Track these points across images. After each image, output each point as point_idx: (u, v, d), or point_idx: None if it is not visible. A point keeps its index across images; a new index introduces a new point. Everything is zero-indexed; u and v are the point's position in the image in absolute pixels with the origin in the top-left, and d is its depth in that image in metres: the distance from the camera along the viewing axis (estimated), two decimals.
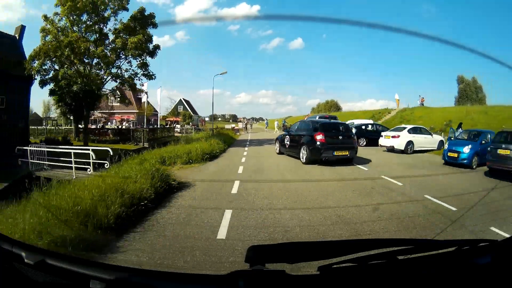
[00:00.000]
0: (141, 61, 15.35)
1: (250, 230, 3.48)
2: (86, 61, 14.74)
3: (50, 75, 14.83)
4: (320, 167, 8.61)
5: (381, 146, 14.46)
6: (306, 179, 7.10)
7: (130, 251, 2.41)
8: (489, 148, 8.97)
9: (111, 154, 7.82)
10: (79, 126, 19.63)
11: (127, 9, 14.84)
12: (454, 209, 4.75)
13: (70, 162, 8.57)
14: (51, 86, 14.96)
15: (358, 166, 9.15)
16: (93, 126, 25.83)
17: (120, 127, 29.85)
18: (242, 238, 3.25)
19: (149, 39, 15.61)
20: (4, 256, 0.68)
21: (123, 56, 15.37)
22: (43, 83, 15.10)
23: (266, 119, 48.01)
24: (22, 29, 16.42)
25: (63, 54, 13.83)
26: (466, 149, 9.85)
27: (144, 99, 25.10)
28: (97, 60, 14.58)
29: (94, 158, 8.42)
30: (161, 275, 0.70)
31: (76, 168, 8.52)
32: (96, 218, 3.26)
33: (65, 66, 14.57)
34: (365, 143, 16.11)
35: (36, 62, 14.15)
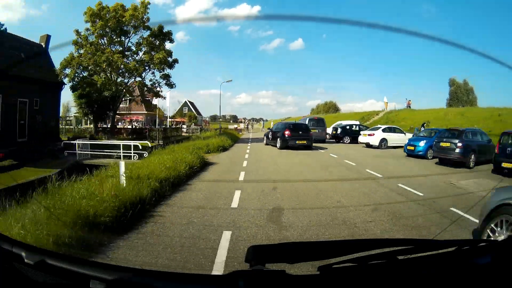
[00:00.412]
0: (164, 74, 18.39)
1: (254, 177, 6.86)
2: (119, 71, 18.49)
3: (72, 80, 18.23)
4: (289, 151, 13.58)
5: (360, 143, 16.99)
6: (282, 156, 11.92)
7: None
8: (434, 142, 11.25)
9: (149, 145, 12.96)
10: (98, 125, 21.90)
11: (150, 28, 17.56)
12: (380, 175, 7.76)
13: (108, 153, 11.72)
14: (79, 90, 18.02)
15: (320, 150, 14.05)
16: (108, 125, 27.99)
17: (132, 127, 31.47)
18: (250, 179, 6.67)
19: (170, 54, 18.55)
20: (4, 256, 0.70)
21: (148, 68, 18.34)
22: (74, 88, 17.94)
23: (263, 121, 55.85)
24: (47, 38, 18.08)
25: (101, 67, 16.43)
26: (422, 143, 12.22)
27: (155, 102, 26.19)
28: (128, 71, 17.73)
29: (140, 148, 11.47)
30: (161, 275, 0.71)
31: (117, 157, 11.18)
32: (172, 177, 5.76)
33: (101, 75, 17.38)
34: (349, 140, 18.39)
35: (69, 70, 16.63)
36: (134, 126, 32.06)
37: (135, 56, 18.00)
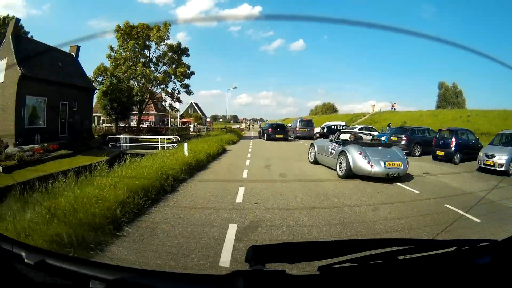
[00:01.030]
0: (184, 84, 23.39)
1: (258, 156, 10.50)
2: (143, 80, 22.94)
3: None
4: (272, 142, 18.55)
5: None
6: (272, 144, 16.62)
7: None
8: (387, 138, 14.53)
9: (176, 140, 17.01)
10: (118, 124, 24.91)
11: (172, 48, 22.30)
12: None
13: (143, 145, 16.19)
14: (110, 95, 20.65)
15: (299, 141, 19.15)
16: (124, 125, 29.66)
17: (148, 126, 34.30)
18: (255, 156, 10.75)
19: (188, 68, 23.22)
20: (4, 256, 0.70)
21: (170, 79, 23.41)
22: (106, 94, 20.81)
23: (260, 121, 58.85)
24: (78, 48, 20.47)
25: (136, 78, 21.40)
26: (382, 138, 15.54)
27: (176, 105, 29.15)
28: (157, 81, 22.86)
29: (170, 140, 16.24)
30: (161, 275, 0.71)
31: (147, 148, 15.27)
32: (211, 153, 9.85)
33: (135, 83, 22.29)
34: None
35: (103, 78, 21.00)
36: (147, 125, 34.10)
37: (158, 67, 22.82)
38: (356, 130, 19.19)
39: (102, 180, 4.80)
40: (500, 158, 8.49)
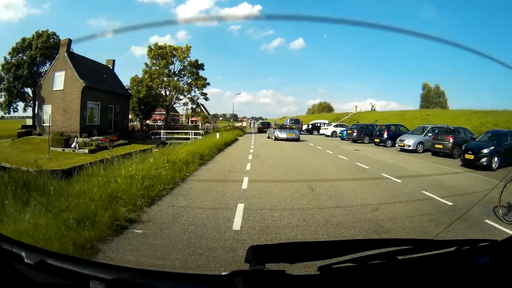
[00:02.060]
0: (202, 92, 29.94)
1: (260, 144, 14.31)
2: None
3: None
4: (263, 134, 22.76)
5: (321, 134, 24.69)
6: (262, 136, 20.94)
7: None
8: (346, 131, 18.96)
9: (202, 133, 22.65)
10: (142, 122, 30.22)
11: (191, 63, 28.75)
12: (312, 144, 15.01)
13: (175, 137, 21.02)
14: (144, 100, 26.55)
15: None
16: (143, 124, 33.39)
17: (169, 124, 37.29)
18: (258, 143, 15.02)
19: (205, 80, 29.48)
20: (4, 256, 0.70)
21: (192, 89, 29.65)
22: (141, 99, 26.46)
23: (260, 120, 63.22)
24: (113, 62, 24.70)
25: (168, 88, 27.88)
26: (343, 133, 19.89)
27: (187, 107, 34.99)
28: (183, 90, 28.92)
29: (196, 134, 21.93)
30: (161, 275, 0.72)
31: (182, 139, 19.39)
32: (230, 139, 15.28)
33: (167, 92, 28.59)
34: (316, 132, 26.21)
35: (139, 87, 26.55)
36: (166, 124, 36.81)
37: (179, 78, 29.57)
38: (332, 126, 24.26)
39: (182, 149, 8.83)
40: (409, 142, 12.35)
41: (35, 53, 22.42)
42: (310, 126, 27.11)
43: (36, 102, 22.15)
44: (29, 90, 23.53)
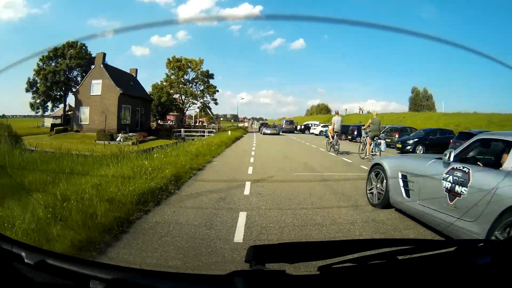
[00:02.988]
0: (213, 98, 34.24)
1: (262, 141, 15.80)
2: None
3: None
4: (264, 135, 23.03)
5: (311, 133, 26.35)
6: (265, 136, 22.47)
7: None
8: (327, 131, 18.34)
9: (215, 131, 26.15)
10: (158, 122, 33.14)
11: (203, 73, 33.70)
12: (295, 138, 18.96)
13: (192, 135, 24.44)
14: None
15: (283, 134, 24.77)
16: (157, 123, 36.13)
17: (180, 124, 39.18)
18: (258, 138, 18.27)
19: (215, 87, 33.82)
20: (4, 256, 0.70)
21: (205, 95, 33.55)
22: (160, 103, 30.83)
23: (259, 120, 56.83)
24: (136, 70, 27.83)
25: (185, 94, 32.08)
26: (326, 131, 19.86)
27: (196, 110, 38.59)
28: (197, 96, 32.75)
29: (210, 132, 25.85)
30: (161, 275, 0.72)
31: (198, 136, 23.51)
32: (238, 136, 18.51)
33: (183, 97, 32.45)
34: (308, 132, 28.13)
35: (160, 94, 31.16)
36: (175, 124, 39.46)
37: (192, 85, 34.09)
38: (320, 126, 26.21)
39: (198, 143, 10.73)
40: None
41: (70, 62, 25.17)
42: (303, 127, 30.12)
43: (67, 104, 25.15)
44: (60, 93, 26.10)
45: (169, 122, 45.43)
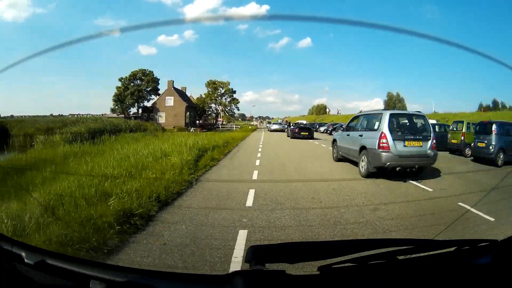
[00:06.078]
0: (237, 107, 46.17)
1: (266, 134, 19.39)
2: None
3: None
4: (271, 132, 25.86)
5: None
6: (271, 132, 24.98)
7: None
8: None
9: (239, 127, 39.73)
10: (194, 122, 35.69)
11: (229, 90, 50.70)
12: (284, 133, 22.22)
13: (227, 129, 28.79)
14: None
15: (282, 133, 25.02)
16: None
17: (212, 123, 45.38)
18: (266, 133, 22.01)
19: (237, 100, 49.27)
20: (4, 256, 0.74)
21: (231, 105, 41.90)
22: (202, 110, 42.73)
23: (265, 119, 59.08)
24: (185, 88, 38.03)
25: (220, 105, 47.04)
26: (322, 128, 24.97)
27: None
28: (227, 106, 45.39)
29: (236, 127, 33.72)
30: (161, 275, 0.76)
31: (228, 130, 34.52)
32: (253, 128, 32.52)
33: (217, 106, 46.85)
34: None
35: (203, 104, 47.48)
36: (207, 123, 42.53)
37: (223, 98, 42.31)
38: (304, 123, 26.12)
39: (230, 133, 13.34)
40: (326, 129, 20.10)
41: (146, 84, 32.89)
42: (294, 125, 43.85)
43: (140, 110, 33.92)
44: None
45: (198, 121, 54.38)
